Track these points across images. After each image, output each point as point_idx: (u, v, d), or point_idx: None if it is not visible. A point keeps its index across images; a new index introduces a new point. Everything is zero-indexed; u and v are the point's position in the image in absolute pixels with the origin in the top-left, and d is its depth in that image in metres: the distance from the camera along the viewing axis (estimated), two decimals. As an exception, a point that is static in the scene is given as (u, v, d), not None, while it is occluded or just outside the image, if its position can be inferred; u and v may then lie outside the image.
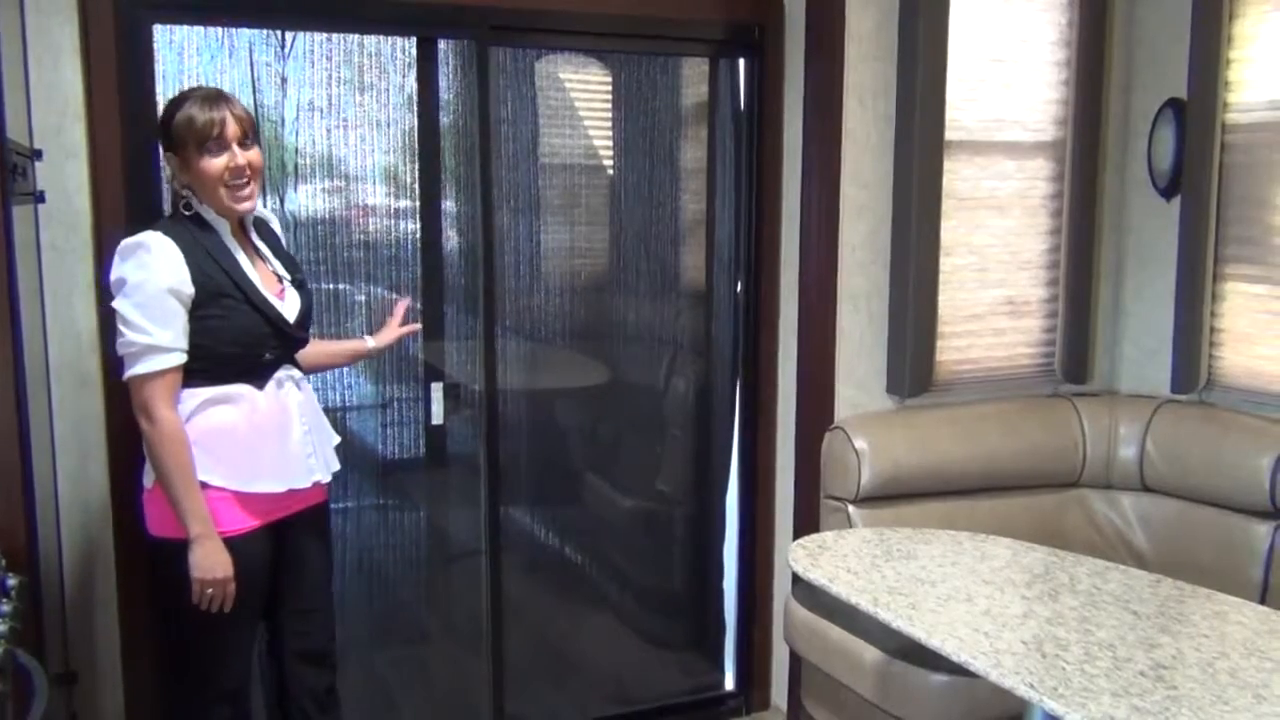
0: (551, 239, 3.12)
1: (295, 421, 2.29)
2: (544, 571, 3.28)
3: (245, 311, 2.20)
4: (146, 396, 2.11)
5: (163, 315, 2.10)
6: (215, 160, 2.15)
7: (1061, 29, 3.24)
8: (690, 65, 3.25)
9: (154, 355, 2.10)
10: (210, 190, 2.18)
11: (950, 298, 3.20)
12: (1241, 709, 1.66)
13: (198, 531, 2.13)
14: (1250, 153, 3.06)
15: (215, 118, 2.15)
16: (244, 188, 2.19)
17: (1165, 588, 2.20)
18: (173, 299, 2.11)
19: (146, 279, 2.09)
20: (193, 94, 2.19)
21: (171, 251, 2.11)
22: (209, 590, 2.15)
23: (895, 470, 3.00)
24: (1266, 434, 2.91)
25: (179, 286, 2.12)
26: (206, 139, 2.14)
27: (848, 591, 2.11)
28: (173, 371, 2.13)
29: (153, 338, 2.10)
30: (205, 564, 2.13)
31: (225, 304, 2.18)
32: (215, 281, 2.17)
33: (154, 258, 2.10)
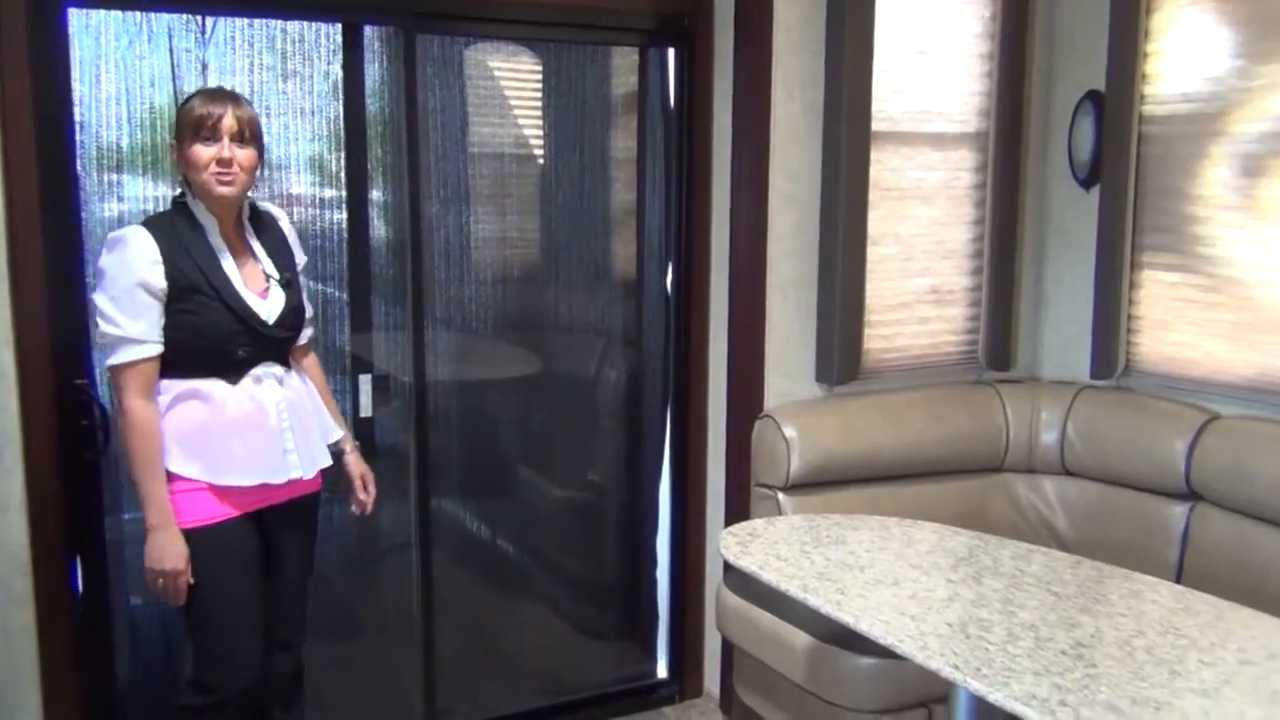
0: (481, 229, 3.10)
1: (271, 418, 2.30)
2: (475, 563, 3.26)
3: (216, 309, 2.23)
4: (118, 386, 2.18)
5: (134, 308, 2.16)
6: (205, 149, 2.20)
7: (984, 22, 3.30)
8: (620, 55, 3.25)
9: (125, 346, 2.16)
10: (198, 178, 2.22)
11: (877, 287, 3.24)
12: (1158, 684, 1.71)
13: (154, 521, 2.17)
14: (1166, 144, 3.14)
15: (214, 111, 2.21)
16: (227, 176, 2.22)
17: (1085, 569, 2.26)
18: (144, 292, 2.16)
19: (121, 272, 2.15)
20: (202, 91, 2.28)
21: (148, 246, 2.17)
22: (160, 581, 2.18)
23: (824, 457, 3.04)
24: (1181, 418, 3.00)
25: (151, 280, 2.16)
26: (201, 128, 2.20)
27: (777, 578, 2.14)
28: (145, 363, 2.18)
29: (123, 330, 2.15)
30: (157, 554, 2.17)
31: (197, 300, 2.22)
32: (188, 277, 2.20)
33: (130, 251, 2.16)
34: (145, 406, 2.18)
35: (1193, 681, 1.73)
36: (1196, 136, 3.05)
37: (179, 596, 2.20)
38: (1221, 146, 3.00)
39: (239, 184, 2.25)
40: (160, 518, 2.18)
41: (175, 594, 2.20)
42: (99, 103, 2.59)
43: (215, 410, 2.24)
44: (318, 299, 2.85)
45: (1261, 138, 2.90)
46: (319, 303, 2.86)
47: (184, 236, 2.22)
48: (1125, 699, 1.65)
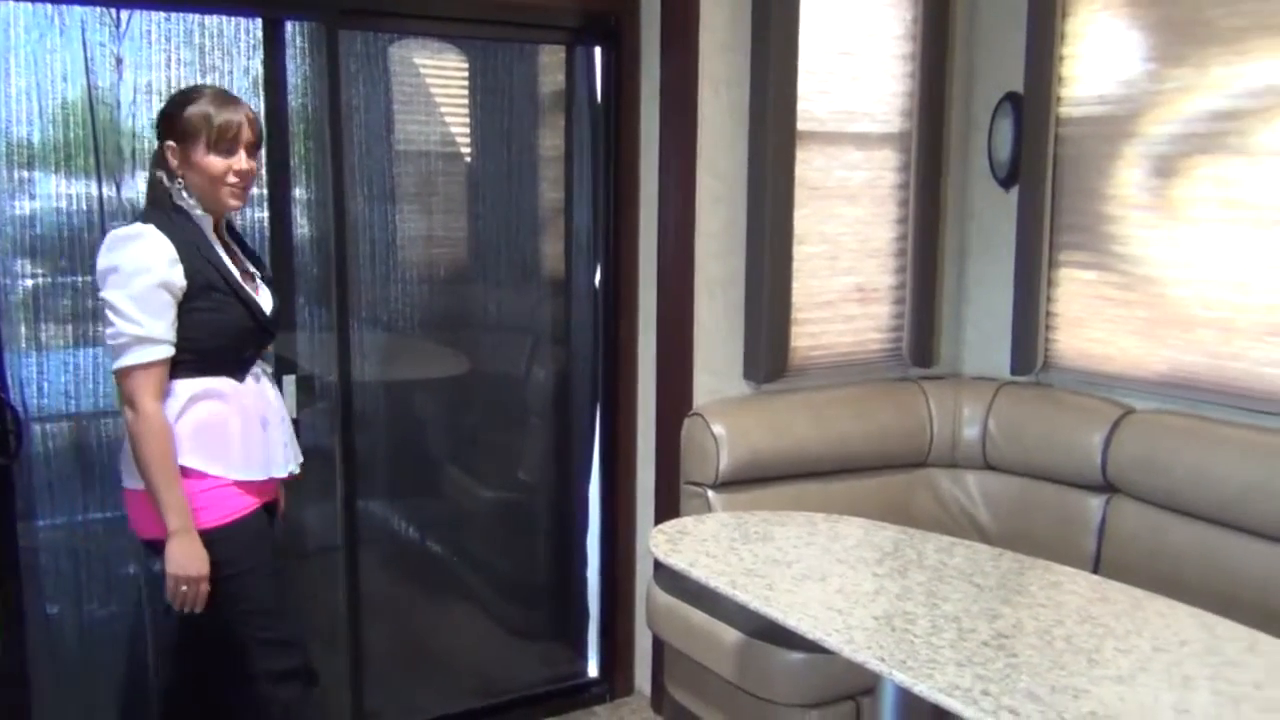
0: (408, 227, 3.07)
1: (276, 413, 2.34)
2: (404, 565, 3.23)
3: (233, 305, 2.23)
4: (133, 388, 2.11)
5: (155, 307, 2.11)
6: (223, 160, 2.17)
7: (906, 24, 3.35)
8: (548, 53, 3.23)
9: (144, 346, 2.11)
10: (207, 186, 2.19)
11: (803, 285, 3.27)
12: (1076, 673, 1.75)
13: (176, 525, 2.13)
14: (1082, 145, 3.22)
15: (234, 120, 2.17)
16: (240, 189, 2.22)
17: (1006, 561, 2.31)
18: (164, 291, 2.12)
19: (140, 270, 2.10)
20: (205, 90, 2.21)
21: (165, 244, 2.12)
22: (183, 587, 2.14)
23: (752, 455, 3.06)
24: (1098, 412, 3.07)
25: (172, 279, 2.13)
26: (221, 138, 2.16)
27: (707, 575, 2.15)
28: (161, 364, 2.13)
29: (144, 329, 2.10)
30: (183, 559, 2.13)
31: (215, 297, 2.19)
32: (205, 275, 2.18)
33: (149, 249, 2.11)
34: (160, 409, 2.13)
35: (1109, 669, 1.78)
36: (1111, 138, 3.13)
37: (201, 602, 2.17)
38: (1135, 148, 3.08)
39: (246, 197, 2.26)
40: (182, 521, 2.13)
41: (198, 600, 2.16)
42: (8, 98, 2.51)
43: (235, 407, 2.23)
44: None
45: (1172, 139, 2.99)
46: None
47: (190, 234, 2.18)
48: (1045, 687, 1.69)
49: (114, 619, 2.79)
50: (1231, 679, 1.75)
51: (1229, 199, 2.85)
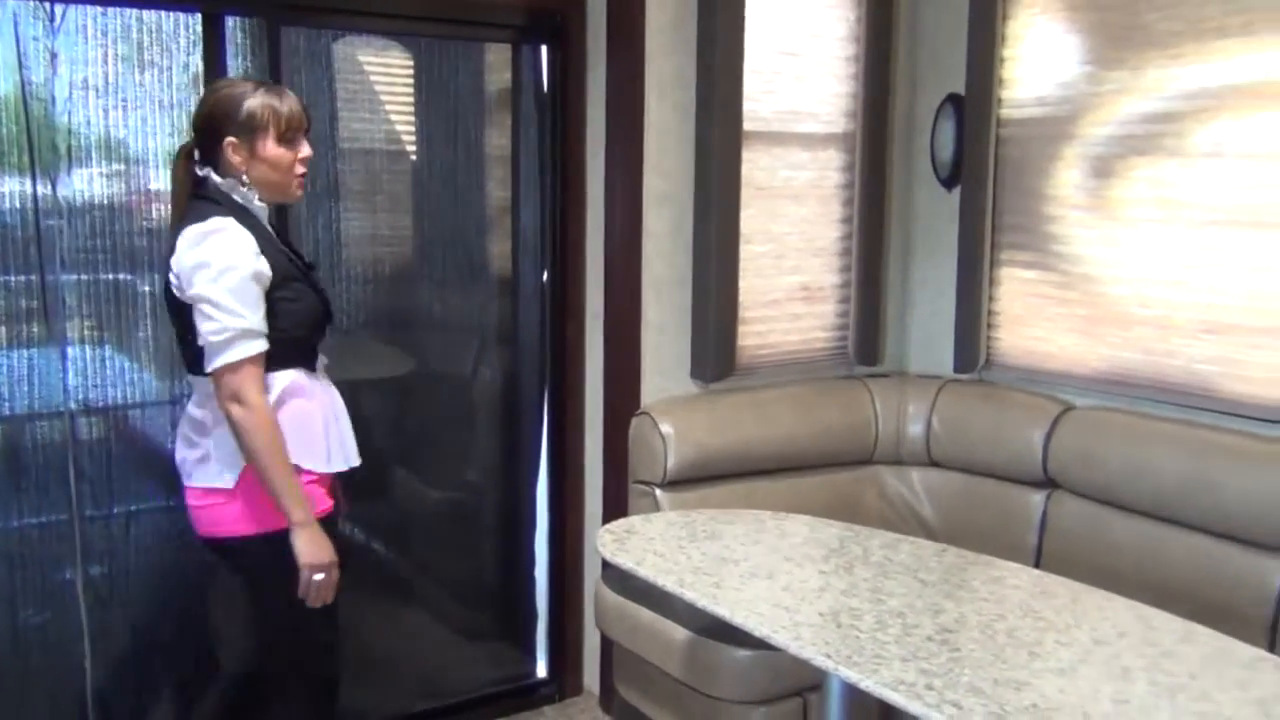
0: (352, 226, 3.03)
1: (335, 407, 2.31)
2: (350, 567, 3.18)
3: (309, 294, 2.24)
4: (239, 383, 2.06)
5: (251, 299, 2.09)
6: (289, 151, 2.18)
7: (850, 25, 3.38)
8: (494, 51, 3.22)
9: (248, 340, 2.07)
10: (277, 178, 2.19)
11: (750, 284, 3.29)
12: (1018, 666, 1.78)
13: (301, 517, 2.11)
14: (1022, 146, 3.27)
15: (297, 110, 2.18)
16: (304, 179, 2.24)
17: (950, 556, 2.33)
18: (255, 283, 2.10)
19: (231, 262, 2.07)
20: (246, 83, 2.19)
21: (247, 235, 2.11)
22: (318, 576, 2.13)
23: (700, 453, 3.07)
24: (1039, 409, 3.12)
25: (261, 269, 2.11)
26: (289, 129, 2.17)
27: (654, 574, 2.15)
28: (260, 356, 2.10)
29: (247, 321, 2.07)
30: (314, 549, 2.13)
31: (295, 287, 2.19)
32: (283, 265, 2.18)
33: (234, 241, 2.09)
34: (266, 401, 2.10)
35: (1050, 662, 1.80)
36: (1050, 139, 3.19)
37: (332, 591, 2.16)
38: (1073, 149, 3.14)
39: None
40: (305, 513, 2.12)
41: (330, 589, 2.16)
42: (-63, 92, 2.45)
43: (318, 399, 2.23)
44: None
45: (1109, 141, 3.04)
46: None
47: (259, 227, 2.17)
48: (988, 681, 1.71)
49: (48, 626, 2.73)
50: (1168, 670, 1.79)
51: (1164, 199, 2.91)
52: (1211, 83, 2.79)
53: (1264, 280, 2.72)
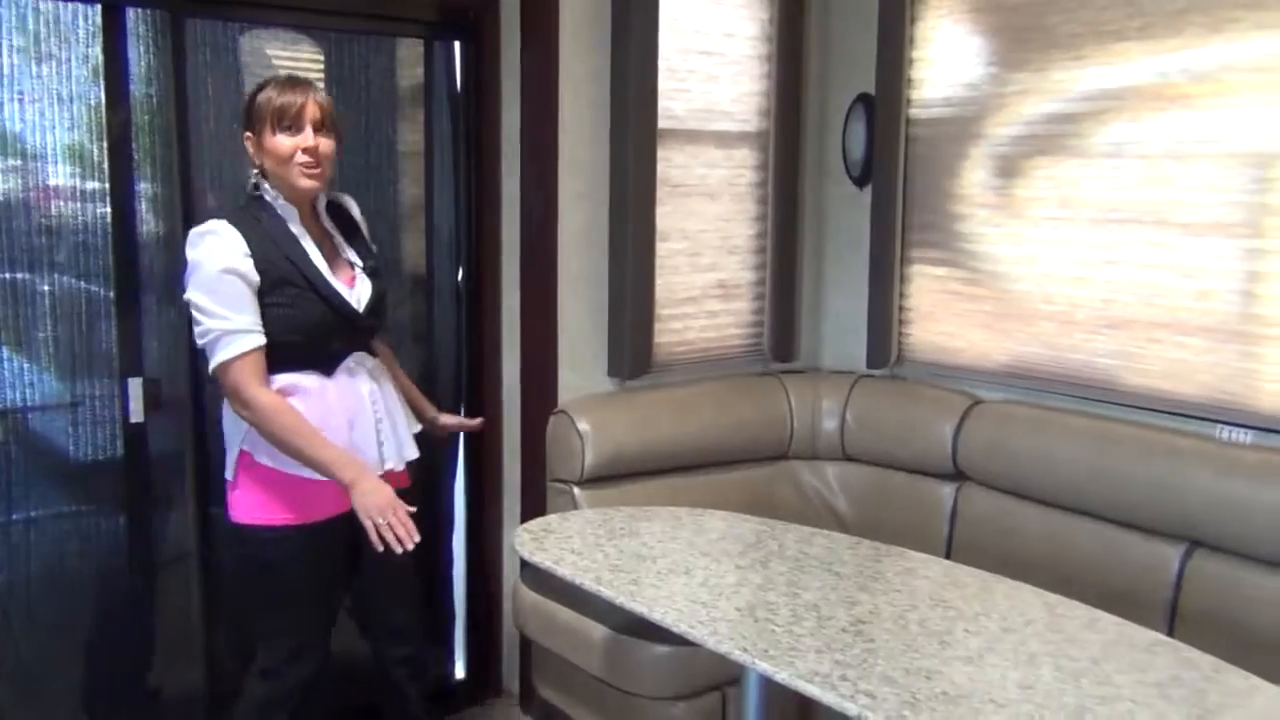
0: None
1: (366, 410, 2.30)
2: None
3: (311, 300, 2.22)
4: (233, 381, 2.13)
5: (235, 299, 2.12)
6: (288, 140, 2.19)
7: (763, 25, 3.41)
8: (406, 46, 3.18)
9: (232, 339, 2.12)
10: (279, 169, 2.21)
11: (666, 282, 3.30)
12: (929, 655, 1.82)
13: (349, 477, 2.15)
14: (931, 146, 3.34)
15: (295, 100, 2.19)
16: (314, 168, 2.21)
17: (863, 549, 2.37)
18: (241, 283, 2.13)
19: (214, 265, 2.12)
20: (274, 78, 2.25)
21: (235, 237, 2.14)
22: (383, 520, 2.14)
23: (617, 451, 3.07)
24: (949, 404, 3.19)
25: (245, 271, 2.13)
26: (283, 118, 2.18)
27: (572, 572, 2.15)
28: (254, 353, 2.14)
29: (230, 321, 2.11)
30: (367, 501, 2.15)
31: (288, 293, 2.19)
32: (278, 269, 2.18)
33: (221, 243, 2.13)
34: (268, 391, 2.14)
35: (960, 650, 1.85)
36: (958, 139, 3.26)
37: (411, 531, 2.16)
38: (980, 148, 3.21)
39: (323, 175, 2.24)
40: (352, 472, 2.16)
41: (404, 529, 2.15)
42: None
43: (313, 404, 2.21)
44: (80, 298, 2.67)
45: (1014, 141, 3.12)
46: (81, 302, 2.68)
47: (267, 228, 2.20)
48: (900, 670, 1.75)
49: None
50: (1072, 655, 1.84)
51: (1067, 198, 3.00)
52: (1111, 84, 2.88)
53: (1160, 277, 2.81)
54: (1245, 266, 2.66)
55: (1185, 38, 2.71)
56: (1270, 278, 2.62)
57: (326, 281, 2.25)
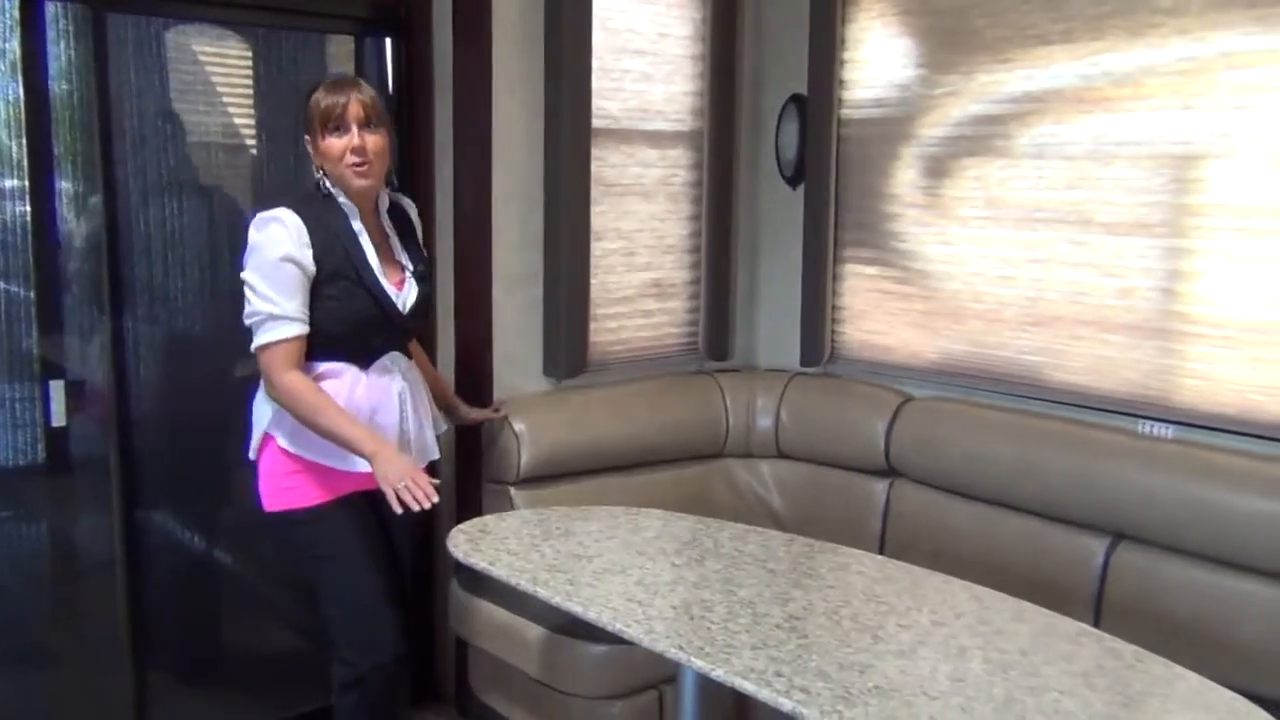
0: (188, 221, 2.91)
1: (393, 408, 2.39)
2: (192, 576, 3.07)
3: (360, 295, 2.31)
4: (267, 365, 2.25)
5: (288, 286, 2.22)
6: (337, 140, 2.27)
7: (696, 25, 3.42)
8: (337, 43, 3.14)
9: (277, 324, 2.22)
10: (333, 169, 2.29)
11: (601, 281, 3.30)
12: (861, 649, 1.84)
13: (369, 450, 2.22)
14: (862, 146, 3.37)
15: (339, 101, 2.26)
16: (362, 166, 2.28)
17: (798, 545, 2.39)
18: (298, 271, 2.23)
19: (274, 250, 2.21)
20: (326, 78, 2.36)
21: (298, 225, 2.23)
22: (401, 484, 2.18)
23: (553, 450, 3.06)
24: (881, 401, 3.23)
25: (303, 260, 2.23)
26: (329, 119, 2.26)
27: (508, 573, 2.14)
28: (294, 340, 2.24)
29: (277, 306, 2.21)
30: (386, 470, 2.20)
31: (341, 285, 2.28)
32: (335, 262, 2.27)
33: (284, 231, 2.22)
34: (295, 377, 2.23)
35: (892, 644, 1.87)
36: (889, 139, 3.30)
37: (429, 492, 2.19)
38: (910, 149, 3.25)
39: (374, 173, 2.31)
40: (374, 445, 2.23)
41: (423, 490, 2.19)
42: None
43: (344, 396, 2.30)
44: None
45: (943, 141, 3.17)
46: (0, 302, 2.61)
47: (329, 222, 2.29)
48: (833, 665, 1.76)
49: None
50: (1001, 647, 1.88)
51: (993, 198, 3.05)
52: (1035, 87, 2.93)
53: (1084, 275, 2.88)
54: (1165, 265, 2.73)
55: (1107, 41, 2.77)
56: (1190, 276, 2.69)
57: (378, 280, 2.34)
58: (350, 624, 2.39)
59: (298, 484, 2.35)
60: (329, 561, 2.38)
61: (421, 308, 2.47)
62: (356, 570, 2.38)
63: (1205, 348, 2.67)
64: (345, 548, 2.37)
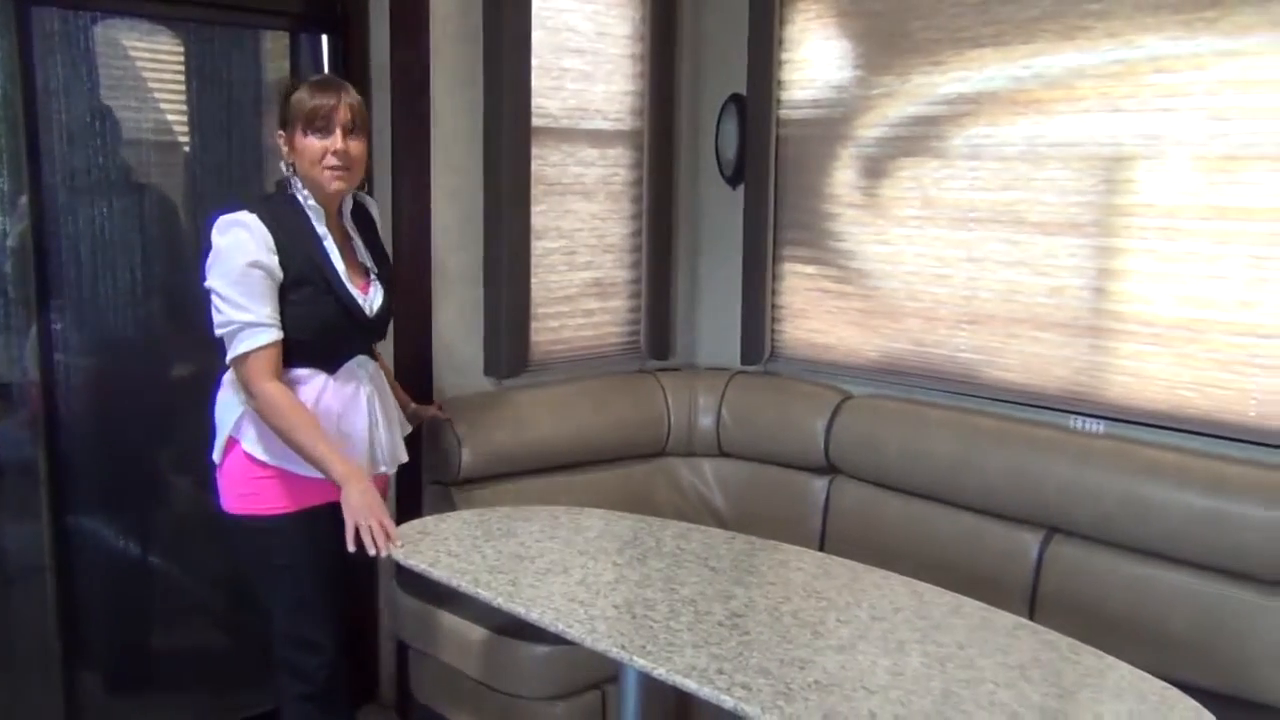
0: (119, 220, 2.85)
1: (361, 413, 2.35)
2: (124, 581, 3.01)
3: (325, 301, 2.26)
4: (247, 375, 2.17)
5: (259, 292, 2.16)
6: (318, 141, 2.21)
7: (635, 24, 3.43)
8: (272, 39, 3.09)
9: (254, 332, 2.15)
10: (308, 169, 2.23)
11: (542, 280, 3.30)
12: (802, 645, 1.85)
13: (340, 475, 2.18)
14: (801, 146, 3.40)
15: (327, 103, 2.20)
16: (341, 170, 2.23)
17: (739, 543, 2.40)
18: (265, 276, 2.16)
19: (240, 256, 2.14)
20: (310, 78, 2.29)
21: (262, 230, 2.17)
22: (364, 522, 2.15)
23: (495, 450, 3.05)
24: (821, 399, 3.26)
25: (270, 265, 2.17)
26: (314, 120, 2.20)
27: (449, 574, 2.12)
28: (272, 347, 2.18)
29: (252, 314, 2.15)
30: (355, 502, 2.17)
31: (307, 291, 2.23)
32: (300, 267, 2.21)
33: (248, 234, 2.15)
34: (277, 387, 2.17)
35: (832, 640, 1.89)
36: (827, 139, 3.33)
37: (392, 534, 2.18)
38: (848, 149, 3.29)
39: (352, 178, 2.27)
40: (345, 470, 2.18)
41: (390, 534, 2.17)
42: None
43: (311, 401, 2.25)
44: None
45: (880, 142, 3.20)
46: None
47: (293, 225, 2.23)
48: (774, 661, 1.78)
49: None
50: (938, 641, 1.90)
51: (929, 198, 3.09)
52: (969, 89, 2.98)
53: (1016, 274, 2.93)
54: (1096, 264, 2.78)
55: (1038, 44, 2.82)
56: (1119, 275, 2.75)
57: (344, 285, 2.29)
58: (299, 633, 2.34)
59: (261, 490, 2.28)
60: (285, 571, 2.32)
61: (387, 311, 2.42)
62: (312, 582, 2.33)
63: (1135, 345, 2.73)
64: (303, 558, 2.32)
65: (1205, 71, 2.55)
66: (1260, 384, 2.55)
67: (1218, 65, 2.53)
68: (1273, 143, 2.47)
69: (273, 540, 2.30)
